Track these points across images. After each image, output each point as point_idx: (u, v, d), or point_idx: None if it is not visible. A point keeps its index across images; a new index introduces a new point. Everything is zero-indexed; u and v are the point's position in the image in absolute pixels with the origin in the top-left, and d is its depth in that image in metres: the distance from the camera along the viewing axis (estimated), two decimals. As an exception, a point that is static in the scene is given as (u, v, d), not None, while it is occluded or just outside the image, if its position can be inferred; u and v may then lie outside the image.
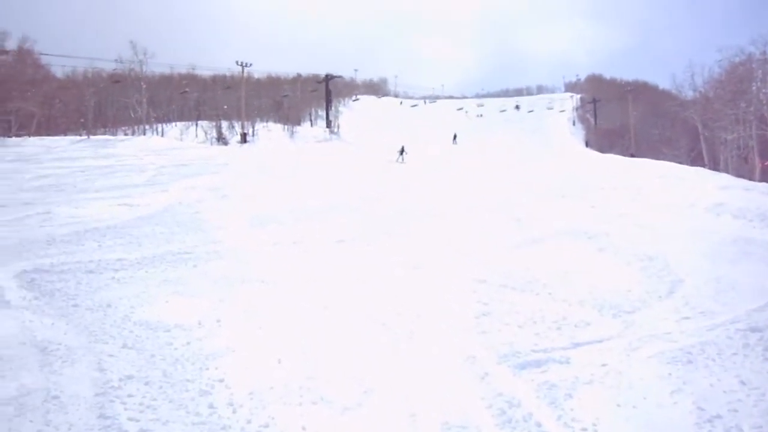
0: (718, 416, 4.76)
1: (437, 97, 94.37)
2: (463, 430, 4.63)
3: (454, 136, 54.62)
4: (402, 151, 35.04)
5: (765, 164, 43.89)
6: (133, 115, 54.55)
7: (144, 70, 55.75)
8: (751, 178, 31.60)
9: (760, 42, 47.37)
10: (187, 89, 59.38)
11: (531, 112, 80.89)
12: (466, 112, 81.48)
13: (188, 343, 6.47)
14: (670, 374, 5.54)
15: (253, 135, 51.99)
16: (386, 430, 4.70)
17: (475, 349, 6.23)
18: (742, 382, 5.36)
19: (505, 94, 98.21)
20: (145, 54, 55.50)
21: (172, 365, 5.92)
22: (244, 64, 49.46)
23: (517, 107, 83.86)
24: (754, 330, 6.65)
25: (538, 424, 4.68)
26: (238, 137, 49.81)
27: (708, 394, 5.14)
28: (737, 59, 48.72)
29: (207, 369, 5.84)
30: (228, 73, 62.90)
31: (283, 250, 11.18)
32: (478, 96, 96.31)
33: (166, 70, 64.68)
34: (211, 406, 5.08)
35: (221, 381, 5.55)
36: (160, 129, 55.99)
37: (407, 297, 8.13)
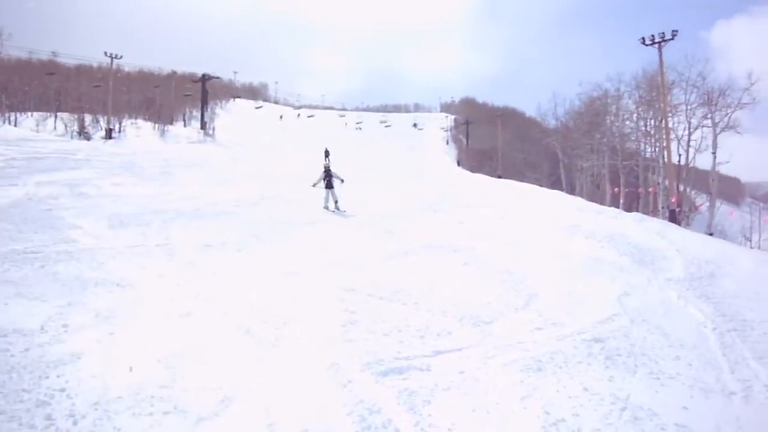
0: (562, 420, 5.07)
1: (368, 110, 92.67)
2: (322, 438, 4.58)
3: (327, 154, 46.80)
4: (327, 176, 18.19)
5: (614, 191, 48.08)
6: (-19, 101, 49.73)
7: (-3, 52, 51.22)
8: (602, 203, 34.43)
9: (615, 79, 52.22)
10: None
11: (420, 129, 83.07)
12: (345, 124, 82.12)
13: (27, 350, 5.89)
14: (522, 381, 5.83)
15: (119, 131, 49.11)
16: (242, 439, 4.54)
17: (339, 357, 6.21)
18: (585, 389, 5.76)
19: (384, 109, 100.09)
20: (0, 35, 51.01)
21: (7, 374, 5.35)
22: (113, 56, 46.74)
23: (416, 125, 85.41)
24: (597, 340, 7.20)
25: (397, 430, 4.74)
26: (103, 132, 46.83)
27: (554, 399, 5.47)
28: (595, 93, 53.32)
29: (47, 378, 5.34)
30: (95, 64, 59.39)
31: (145, 253, 10.55)
32: (357, 109, 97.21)
33: (24, 55, 59.89)
34: (48, 418, 4.65)
35: (62, 390, 5.10)
36: (13, 118, 51.34)
37: (275, 304, 7.96)
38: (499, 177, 46.36)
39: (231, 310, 7.62)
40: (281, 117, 77.35)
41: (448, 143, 78.59)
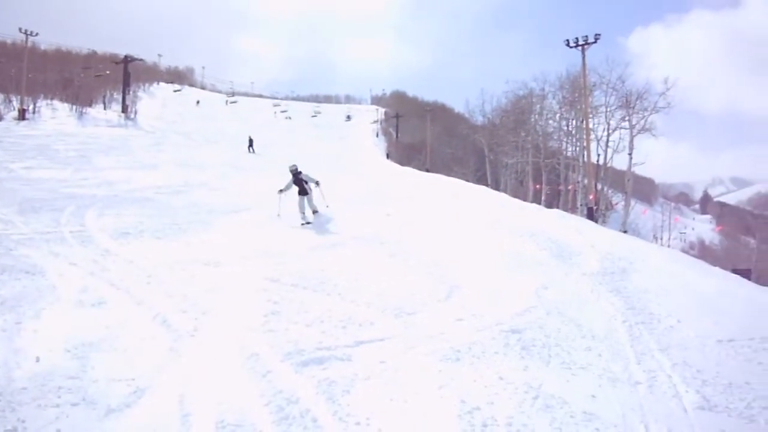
0: (477, 408, 5.20)
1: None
2: (237, 429, 4.51)
3: (250, 142, 42.57)
4: (297, 181, 14.26)
5: (537, 188, 49.68)
6: None
7: None
8: (525, 199, 35.46)
9: (540, 79, 54.02)
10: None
11: (347, 120, 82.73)
12: (275, 113, 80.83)
13: None
14: (440, 371, 5.94)
15: (34, 112, 46.47)
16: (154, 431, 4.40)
17: (259, 348, 6.12)
18: (501, 378, 5.93)
19: (315, 99, 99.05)
20: None
21: None
22: (28, 33, 44.16)
23: (349, 117, 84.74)
24: (514, 331, 7.41)
25: (314, 420, 4.73)
26: (16, 113, 44.23)
27: (471, 388, 5.60)
28: (521, 92, 54.77)
29: (-57, 369, 5.02)
30: (9, 40, 55.98)
31: (58, 240, 10.07)
32: (287, 98, 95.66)
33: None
34: (-56, 411, 4.38)
35: (-40, 382, 4.81)
36: None
37: (194, 294, 7.76)
38: (428, 171, 46.96)
39: (147, 299, 7.38)
40: (198, 102, 75.02)
41: (378, 136, 78.68)
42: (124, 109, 53.08)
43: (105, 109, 57.02)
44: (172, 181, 19.22)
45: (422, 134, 65.91)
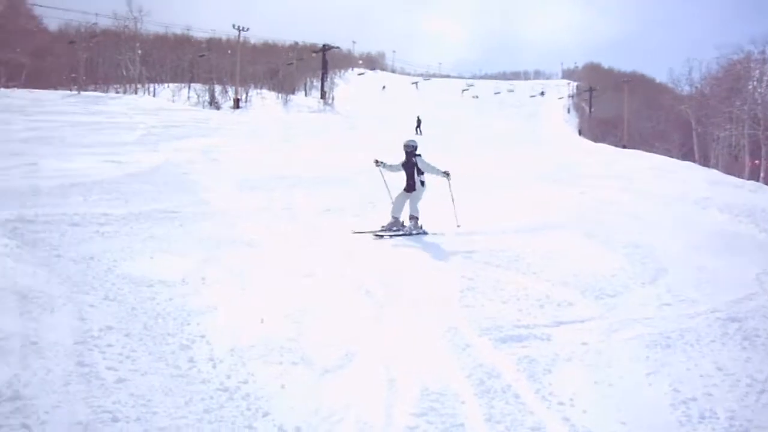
0: (693, 399, 4.82)
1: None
2: (441, 397, 4.65)
3: (418, 123, 42.04)
4: (408, 168, 10.99)
5: (755, 163, 44.24)
6: (125, 74, 54.01)
7: (138, 28, 55.25)
8: (740, 176, 31.80)
9: (759, 41, 47.73)
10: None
11: (533, 96, 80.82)
12: (463, 91, 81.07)
13: (171, 299, 6.45)
14: (647, 357, 5.59)
15: (246, 101, 51.51)
16: (365, 393, 4.71)
17: (457, 321, 6.25)
18: (719, 368, 5.42)
19: (503, 76, 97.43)
20: (140, 11, 55.08)
21: (153, 319, 5.90)
22: (240, 29, 48.92)
23: (542, 93, 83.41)
24: (733, 320, 6.72)
25: (516, 396, 4.72)
26: (231, 102, 49.37)
27: (684, 377, 5.20)
28: (735, 57, 48.96)
29: (188, 324, 5.83)
30: (224, 37, 62.47)
31: (272, 216, 11.14)
32: (475, 77, 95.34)
33: (161, 30, 64.34)
34: (191, 360, 5.09)
35: (202, 337, 5.55)
36: (152, 89, 55.36)
37: (393, 268, 8.14)
38: (624, 147, 44.06)
39: (351, 271, 7.88)
40: (383, 87, 77.59)
41: (569, 111, 75.48)
42: (323, 95, 56.80)
43: (306, 95, 61.48)
44: (365, 163, 20.14)
45: (618, 108, 61.77)
